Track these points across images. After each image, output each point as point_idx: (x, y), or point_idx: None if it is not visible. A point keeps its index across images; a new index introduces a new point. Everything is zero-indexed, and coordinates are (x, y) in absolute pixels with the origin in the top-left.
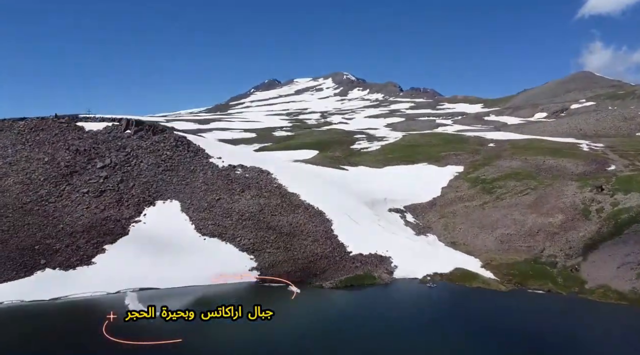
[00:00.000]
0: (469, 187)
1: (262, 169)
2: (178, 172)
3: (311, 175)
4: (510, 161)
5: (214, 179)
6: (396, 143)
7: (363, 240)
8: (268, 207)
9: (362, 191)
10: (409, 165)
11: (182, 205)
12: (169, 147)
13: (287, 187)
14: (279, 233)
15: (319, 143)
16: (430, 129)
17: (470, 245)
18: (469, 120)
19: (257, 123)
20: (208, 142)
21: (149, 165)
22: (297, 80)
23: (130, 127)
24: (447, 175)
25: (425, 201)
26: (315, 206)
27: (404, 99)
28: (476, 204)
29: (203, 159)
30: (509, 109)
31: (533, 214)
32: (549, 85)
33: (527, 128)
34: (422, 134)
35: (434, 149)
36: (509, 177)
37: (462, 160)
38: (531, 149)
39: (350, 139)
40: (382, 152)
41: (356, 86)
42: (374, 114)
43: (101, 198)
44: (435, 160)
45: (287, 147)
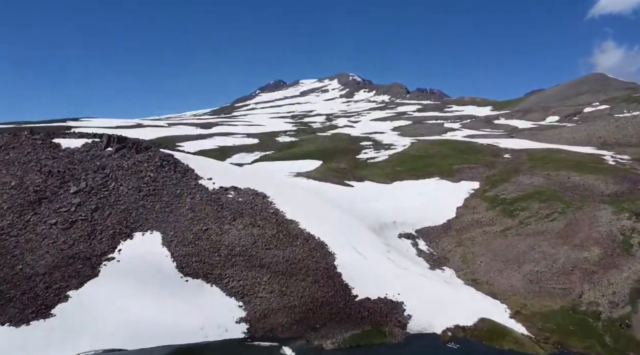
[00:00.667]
0: (487, 208)
1: (257, 192)
2: (162, 197)
3: (312, 196)
4: (531, 177)
5: (202, 205)
6: (405, 153)
7: (371, 280)
8: (262, 238)
9: (369, 213)
10: (420, 181)
11: (164, 237)
12: (153, 168)
13: (285, 212)
14: (273, 272)
15: (322, 152)
16: (438, 133)
17: (494, 284)
18: (479, 123)
19: (260, 127)
20: (198, 161)
21: (129, 190)
22: (303, 81)
23: (111, 144)
24: (462, 193)
25: (439, 224)
26: (317, 236)
27: (410, 101)
28: (497, 229)
29: (191, 180)
30: (519, 112)
31: (564, 246)
32: (560, 87)
33: (542, 135)
34: (432, 142)
35: (446, 161)
36: (531, 197)
37: (477, 174)
38: (551, 161)
39: (356, 147)
40: (390, 163)
41: (362, 87)
42: (381, 116)
43: (71, 230)
44: (447, 175)
45: (289, 156)
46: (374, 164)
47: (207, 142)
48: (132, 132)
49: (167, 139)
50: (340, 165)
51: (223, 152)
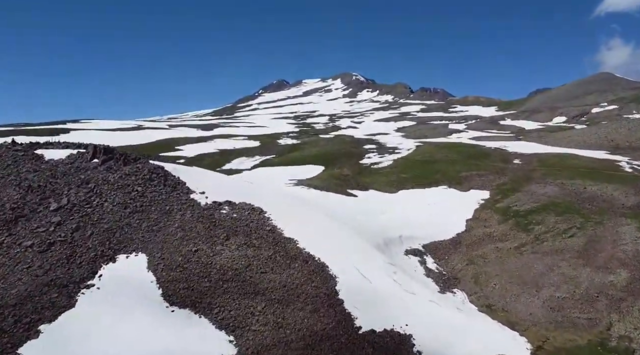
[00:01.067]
0: (499, 221)
1: (253, 207)
2: (150, 213)
3: (313, 210)
4: (544, 186)
5: (193, 223)
6: (410, 158)
7: (376, 308)
8: (257, 260)
9: (374, 227)
10: (427, 189)
11: (150, 260)
12: (141, 181)
13: (283, 229)
14: (268, 300)
15: (325, 156)
16: (444, 135)
17: (512, 311)
18: (484, 124)
19: (262, 128)
20: (190, 173)
21: (114, 206)
22: (306, 81)
23: (98, 156)
24: (472, 203)
25: (448, 238)
26: (317, 257)
27: (414, 100)
28: (510, 246)
29: (182, 195)
30: (525, 112)
31: (586, 268)
32: (567, 87)
33: (552, 138)
34: (437, 145)
35: (453, 167)
36: (546, 209)
37: (487, 182)
38: (564, 169)
39: (359, 151)
40: (395, 170)
41: (365, 87)
42: (384, 117)
43: (48, 253)
44: (456, 183)
45: (291, 161)
46: (378, 170)
47: (207, 146)
48: (132, 134)
49: (167, 142)
50: (343, 172)
51: (223, 156)
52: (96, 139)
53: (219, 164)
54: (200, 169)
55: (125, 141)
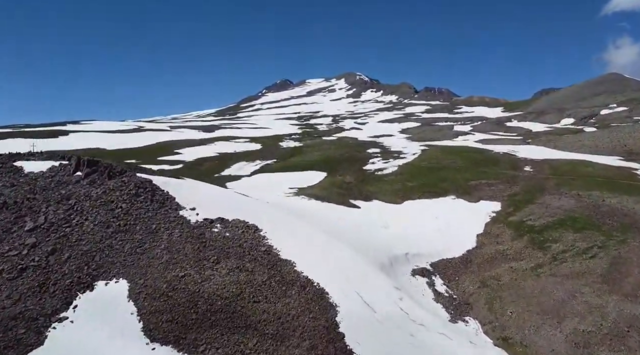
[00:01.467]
0: (512, 237)
1: (247, 224)
2: (134, 233)
3: (312, 226)
4: (559, 198)
5: (182, 243)
6: (415, 164)
7: (381, 343)
8: (250, 287)
9: (378, 243)
10: (434, 200)
11: (131, 288)
12: (126, 197)
13: (280, 250)
14: (261, 335)
15: (327, 161)
16: (450, 138)
17: (531, 346)
18: (490, 126)
19: (264, 130)
20: (180, 186)
21: (96, 225)
22: (309, 81)
23: (81, 168)
24: (482, 216)
25: (458, 256)
26: (315, 282)
27: (418, 101)
28: (526, 266)
29: (171, 212)
30: (532, 113)
31: (613, 295)
32: (574, 88)
33: (562, 142)
34: (443, 149)
35: (461, 175)
36: (563, 224)
37: (498, 192)
38: (579, 177)
39: (362, 156)
40: (400, 177)
41: (369, 87)
42: (388, 118)
43: (19, 281)
44: (464, 193)
45: (292, 167)
46: (382, 178)
47: (207, 149)
48: (131, 137)
49: (167, 145)
50: (345, 179)
51: (223, 160)
52: (95, 142)
53: (217, 170)
54: (193, 182)
55: (124, 144)
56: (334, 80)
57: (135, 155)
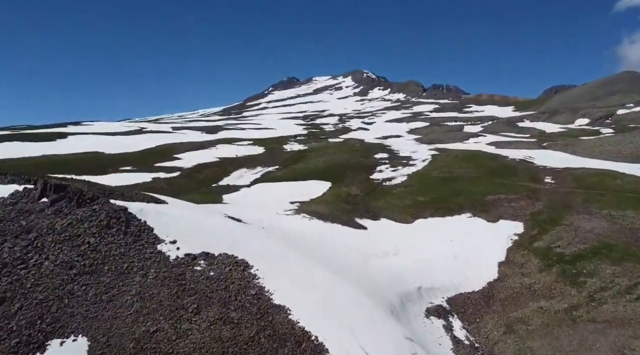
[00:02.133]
0: (540, 268)
1: (236, 259)
2: (101, 275)
3: (313, 258)
4: (589, 219)
5: (157, 287)
6: (426, 173)
7: None
8: (235, 345)
9: (386, 276)
10: (448, 219)
11: (92, 347)
12: (95, 229)
13: (272, 292)
14: None
15: (332, 170)
16: (460, 140)
17: None
18: (501, 126)
19: (269, 131)
20: (159, 215)
21: (57, 266)
22: (316, 79)
23: (47, 194)
24: (503, 239)
25: (478, 290)
26: (313, 335)
27: (427, 99)
28: (559, 306)
29: (147, 246)
30: (544, 113)
31: None
32: (588, 86)
33: (580, 147)
34: (456, 155)
35: (477, 187)
36: (598, 253)
37: (519, 210)
38: (608, 191)
39: (369, 162)
40: (410, 189)
41: (377, 85)
42: (396, 117)
43: None
44: (482, 210)
45: (294, 175)
46: (390, 190)
47: (207, 154)
48: (131, 140)
49: (166, 148)
50: (351, 190)
51: (223, 167)
52: (93, 145)
53: (216, 178)
54: (176, 205)
55: (123, 147)
56: (340, 78)
57: (132, 160)
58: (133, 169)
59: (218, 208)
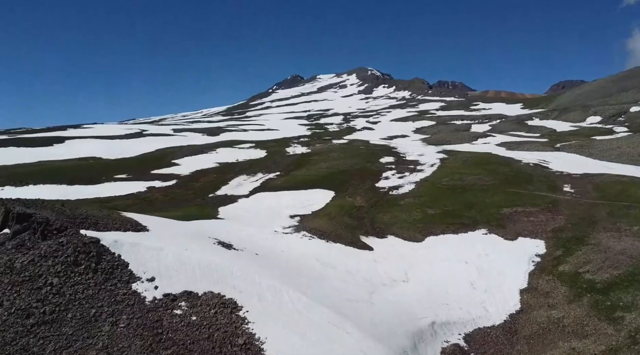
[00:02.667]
0: (568, 298)
1: (223, 299)
2: (63, 325)
3: (312, 295)
4: (618, 237)
5: (128, 338)
6: (435, 181)
7: None
8: None
9: (396, 309)
10: (461, 235)
11: None
12: (61, 267)
13: (264, 341)
14: None
15: (336, 175)
16: (468, 140)
17: None
18: (510, 125)
19: (272, 132)
20: (136, 247)
21: (12, 314)
22: (320, 77)
23: (9, 224)
24: (524, 261)
25: (498, 323)
26: None
27: (432, 97)
28: (595, 349)
29: (120, 286)
30: (554, 111)
31: None
32: (599, 82)
33: (597, 148)
34: (466, 159)
35: (491, 198)
36: (634, 280)
37: (539, 226)
38: (635, 203)
39: (375, 168)
40: (418, 199)
41: (381, 83)
42: (401, 116)
43: None
44: (498, 225)
45: (295, 183)
46: (398, 201)
47: (207, 158)
48: (129, 144)
49: (165, 153)
50: (355, 201)
51: (222, 174)
52: (91, 149)
53: (214, 187)
54: (159, 232)
55: (122, 151)
56: (345, 76)
57: (129, 167)
58: (128, 176)
59: (208, 229)
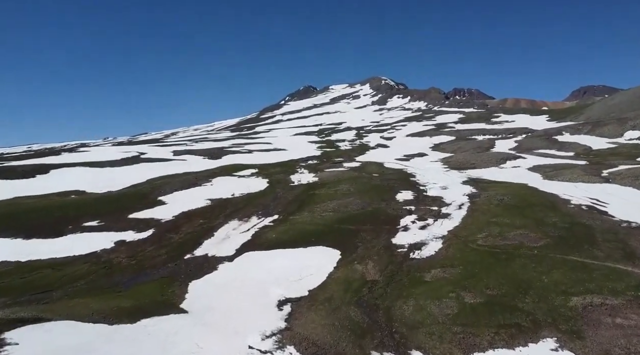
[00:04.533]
0: None
1: None
2: None
3: None
4: None
5: None
6: (468, 240)
7: None
8: None
9: None
10: (520, 352)
11: None
12: None
13: None
14: None
15: (343, 224)
16: (495, 163)
17: None
18: (539, 142)
19: (279, 153)
20: None
21: None
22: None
23: None
24: None
25: None
26: None
27: (450, 108)
28: None
29: None
30: (586, 125)
31: None
32: (633, 91)
33: None
34: (500, 200)
35: (549, 274)
36: None
37: (630, 332)
38: None
39: (391, 211)
40: (450, 273)
41: (396, 93)
42: (418, 130)
43: None
44: (570, 331)
45: (293, 236)
46: (422, 273)
47: (199, 194)
48: (119, 173)
49: (153, 186)
50: (366, 271)
51: (209, 218)
52: (77, 181)
53: (195, 241)
54: None
55: (107, 184)
56: (358, 86)
57: (107, 207)
58: (100, 223)
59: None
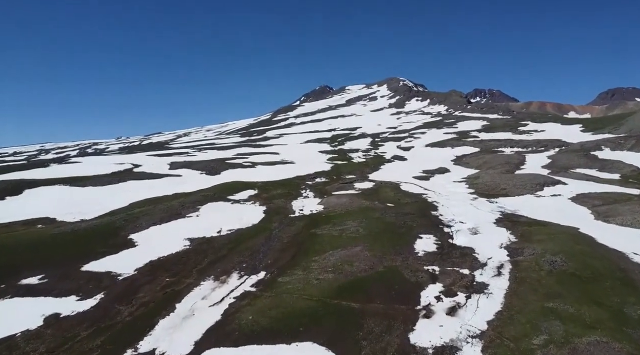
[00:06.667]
0: None
1: None
2: None
3: None
4: None
5: None
6: (520, 344)
7: None
8: None
9: None
10: None
11: None
12: None
13: None
14: None
15: (345, 295)
16: (530, 189)
17: None
18: (576, 158)
19: (285, 167)
20: None
21: None
22: (349, 88)
23: None
24: None
25: None
26: None
27: (472, 113)
28: None
29: None
30: (630, 138)
31: None
32: None
33: None
34: (552, 261)
35: None
36: None
37: None
38: None
39: (408, 276)
40: None
41: (414, 95)
42: (438, 139)
43: None
44: None
45: (281, 318)
46: None
47: (179, 229)
48: (101, 191)
49: (127, 218)
50: None
51: (183, 268)
52: (48, 205)
53: (147, 322)
54: None
55: (81, 209)
56: (375, 87)
57: (60, 252)
58: (41, 281)
59: None
